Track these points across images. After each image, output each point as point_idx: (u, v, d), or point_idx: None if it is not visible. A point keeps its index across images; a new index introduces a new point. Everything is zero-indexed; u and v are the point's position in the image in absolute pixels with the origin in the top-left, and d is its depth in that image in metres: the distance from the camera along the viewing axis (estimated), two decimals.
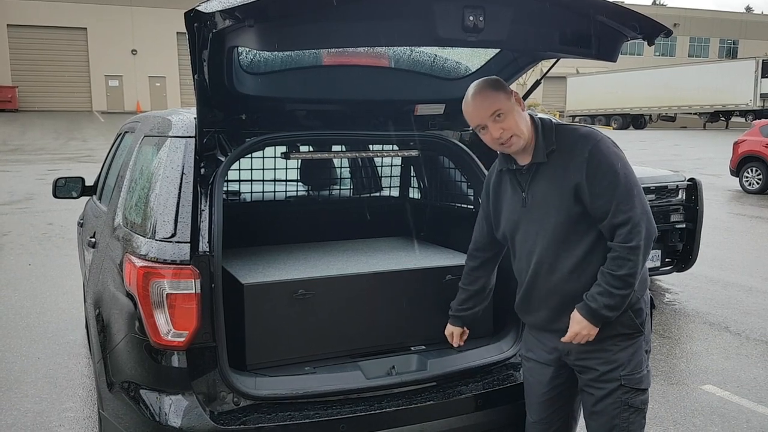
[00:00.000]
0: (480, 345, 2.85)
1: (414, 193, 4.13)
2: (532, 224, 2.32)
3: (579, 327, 2.22)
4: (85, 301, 4.03)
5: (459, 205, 3.52)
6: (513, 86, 2.95)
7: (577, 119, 40.00)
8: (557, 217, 2.24)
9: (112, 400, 2.60)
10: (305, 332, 2.67)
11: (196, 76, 2.27)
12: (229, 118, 2.68)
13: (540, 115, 2.41)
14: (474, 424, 2.64)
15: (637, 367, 2.26)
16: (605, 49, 2.28)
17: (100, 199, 4.07)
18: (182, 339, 2.32)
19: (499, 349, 2.82)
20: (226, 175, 2.66)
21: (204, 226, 2.41)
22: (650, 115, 38.66)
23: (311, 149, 3.46)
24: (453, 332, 2.70)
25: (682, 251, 6.29)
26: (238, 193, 3.88)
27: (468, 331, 2.72)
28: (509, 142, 2.26)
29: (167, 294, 2.31)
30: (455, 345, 2.70)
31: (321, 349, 2.71)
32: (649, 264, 6.69)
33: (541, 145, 2.27)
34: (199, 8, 1.96)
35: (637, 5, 48.53)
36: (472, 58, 2.94)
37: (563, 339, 2.28)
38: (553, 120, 2.34)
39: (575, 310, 2.23)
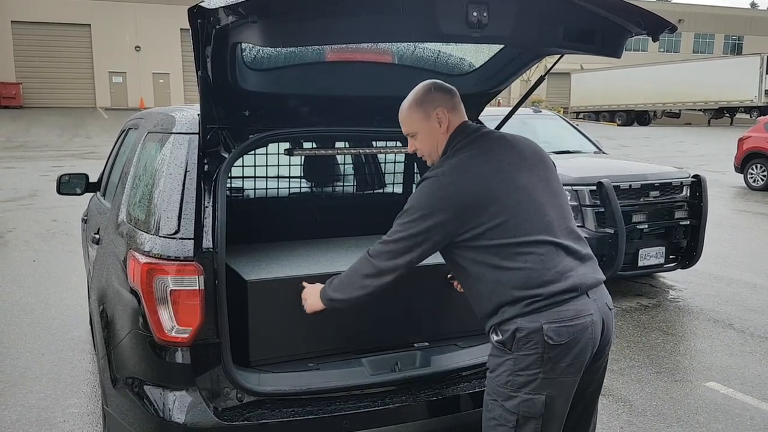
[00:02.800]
0: (484, 342, 2.85)
1: None
2: None
3: (307, 293, 2.47)
4: (89, 298, 4.04)
5: None
6: (517, 82, 2.95)
7: (581, 115, 39.93)
8: None
9: (116, 396, 2.60)
10: (308, 329, 2.67)
11: (199, 73, 2.27)
12: (232, 115, 2.68)
13: (476, 125, 2.38)
14: (478, 421, 2.63)
15: (500, 381, 2.16)
16: (609, 45, 2.28)
17: (104, 195, 4.07)
18: (186, 335, 2.33)
19: None
20: (230, 171, 2.65)
21: (207, 222, 2.41)
22: (654, 112, 38.56)
23: (314, 146, 3.46)
24: None
25: (686, 248, 6.28)
26: (241, 189, 3.88)
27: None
28: (423, 158, 2.40)
29: (171, 290, 2.32)
30: None
31: (324, 345, 2.71)
32: (653, 261, 6.67)
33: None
34: (202, 4, 1.95)
35: (642, 1, 48.41)
36: (476, 54, 2.93)
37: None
38: (475, 134, 2.30)
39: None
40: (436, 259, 3.06)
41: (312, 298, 2.43)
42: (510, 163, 2.22)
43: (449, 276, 2.83)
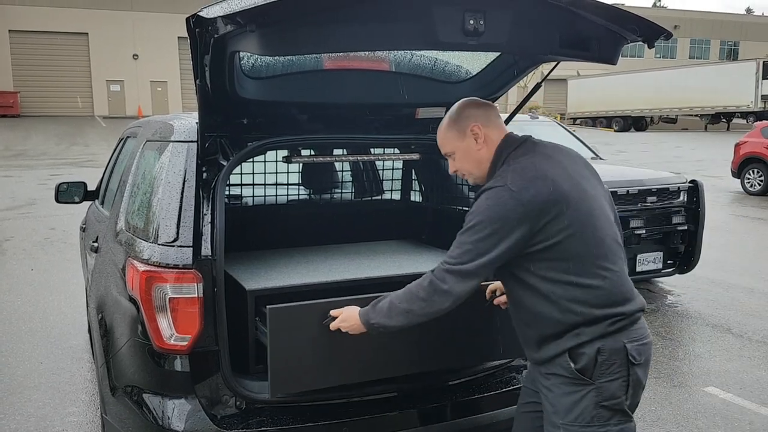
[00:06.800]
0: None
1: (415, 197, 4.13)
2: None
3: (345, 315, 2.20)
4: (87, 306, 4.03)
5: (460, 208, 3.52)
6: (514, 88, 2.96)
7: (578, 121, 40.01)
8: None
9: (115, 404, 2.60)
10: (334, 355, 2.42)
11: (197, 81, 2.28)
12: (230, 123, 2.69)
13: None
14: (477, 427, 2.64)
15: (582, 420, 1.98)
16: (605, 52, 2.29)
17: (102, 203, 4.08)
18: (185, 343, 2.33)
19: None
20: (228, 179, 2.66)
21: (206, 230, 2.42)
22: (651, 117, 38.63)
23: (312, 153, 3.47)
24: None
25: (683, 253, 6.29)
26: (240, 197, 3.89)
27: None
28: (464, 177, 2.28)
29: (170, 298, 2.32)
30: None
31: (351, 374, 2.46)
32: (650, 266, 6.65)
33: (489, 179, 2.15)
34: (200, 14, 1.96)
35: (638, 7, 48.57)
36: (472, 61, 2.95)
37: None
38: (527, 143, 2.15)
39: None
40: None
41: (349, 321, 2.19)
42: (573, 171, 2.08)
43: (496, 295, 2.47)
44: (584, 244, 1.98)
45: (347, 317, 2.19)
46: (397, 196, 4.22)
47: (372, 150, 3.53)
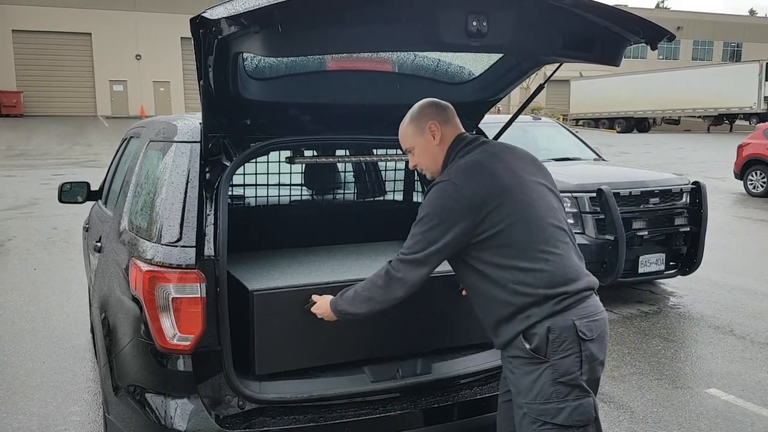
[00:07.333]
0: (485, 349, 2.85)
1: (418, 197, 4.14)
2: None
3: (319, 303, 2.45)
4: (90, 305, 4.04)
5: None
6: (517, 89, 2.98)
7: (580, 122, 39.99)
8: None
9: (118, 403, 2.61)
10: (314, 339, 2.64)
11: (201, 82, 2.28)
12: (234, 123, 2.69)
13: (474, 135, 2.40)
14: (479, 428, 2.64)
15: (542, 397, 2.10)
16: (608, 54, 2.30)
17: (105, 203, 4.09)
18: (188, 343, 2.34)
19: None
20: (231, 179, 2.67)
21: (209, 230, 2.42)
22: (654, 119, 38.62)
23: (315, 154, 3.47)
24: None
25: (686, 254, 6.28)
26: (243, 197, 3.89)
27: None
28: (423, 172, 2.46)
29: (173, 298, 2.33)
30: None
31: (330, 355, 2.66)
32: (653, 267, 6.65)
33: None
34: (204, 15, 1.97)
35: (641, 8, 48.56)
36: (475, 62, 2.95)
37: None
38: (475, 143, 2.32)
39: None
40: (445, 266, 3.05)
41: (322, 308, 2.42)
42: (516, 166, 2.25)
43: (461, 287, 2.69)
44: (526, 232, 2.13)
45: (320, 305, 2.43)
46: (399, 196, 4.22)
47: (375, 151, 3.53)
